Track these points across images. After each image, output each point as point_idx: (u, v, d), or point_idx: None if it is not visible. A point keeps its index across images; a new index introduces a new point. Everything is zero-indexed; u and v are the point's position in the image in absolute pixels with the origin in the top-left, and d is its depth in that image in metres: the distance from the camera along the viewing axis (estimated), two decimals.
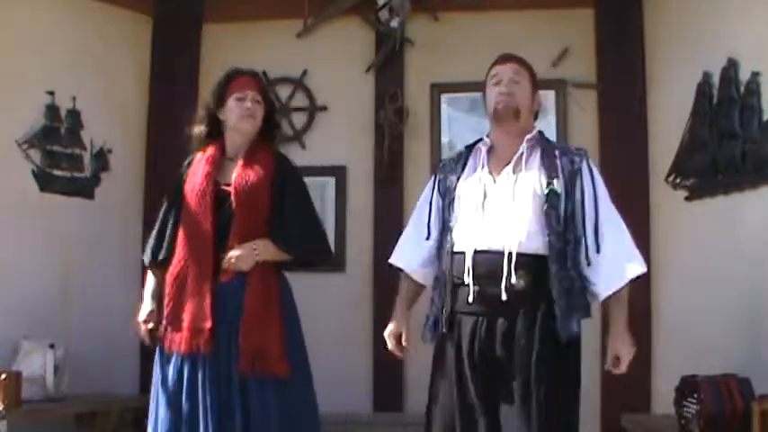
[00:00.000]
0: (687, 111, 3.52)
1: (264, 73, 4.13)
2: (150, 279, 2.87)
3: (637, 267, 2.40)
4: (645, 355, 3.72)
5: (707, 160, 3.40)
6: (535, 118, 2.63)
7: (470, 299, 2.36)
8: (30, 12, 3.76)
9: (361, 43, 4.19)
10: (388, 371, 3.81)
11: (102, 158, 4.00)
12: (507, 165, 2.46)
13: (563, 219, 2.38)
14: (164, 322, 2.70)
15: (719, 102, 3.35)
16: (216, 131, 2.89)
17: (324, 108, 4.21)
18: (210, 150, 2.84)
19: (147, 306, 2.81)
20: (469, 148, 2.62)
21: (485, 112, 2.64)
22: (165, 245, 2.81)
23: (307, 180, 2.95)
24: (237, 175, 2.75)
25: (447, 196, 2.55)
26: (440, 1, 4.10)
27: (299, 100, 4.23)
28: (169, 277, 2.73)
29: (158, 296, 2.80)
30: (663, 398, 3.40)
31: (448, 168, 2.62)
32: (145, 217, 4.11)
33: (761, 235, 3.09)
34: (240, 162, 2.79)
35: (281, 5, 4.20)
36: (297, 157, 4.06)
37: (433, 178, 2.68)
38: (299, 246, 2.78)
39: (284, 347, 2.66)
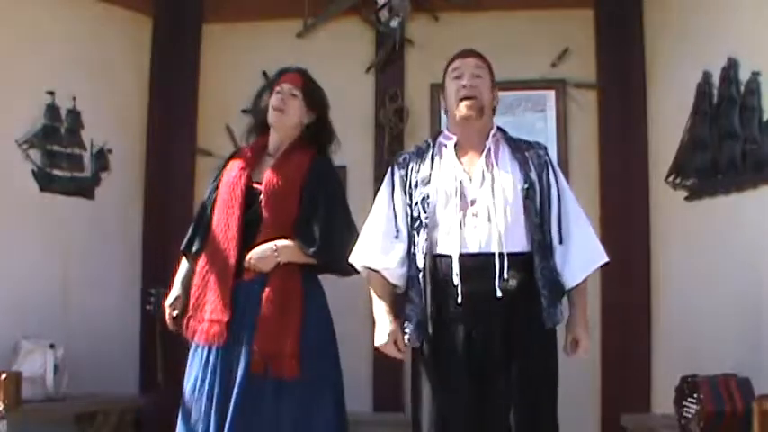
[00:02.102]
0: (687, 111, 3.51)
1: (264, 73, 4.14)
2: (182, 266, 2.91)
3: (600, 258, 2.50)
4: (645, 355, 3.73)
5: (707, 160, 3.39)
6: (493, 113, 2.64)
7: (460, 300, 2.34)
8: (29, 11, 3.75)
9: (361, 43, 4.19)
10: (388, 371, 3.80)
11: (102, 158, 3.99)
12: (478, 160, 2.47)
13: (539, 211, 2.42)
14: (189, 312, 2.74)
15: (719, 102, 3.34)
16: (265, 126, 2.91)
17: None
18: (253, 144, 2.87)
19: (174, 292, 2.86)
20: (430, 142, 2.60)
21: (443, 107, 2.66)
22: (199, 236, 2.83)
23: None
24: (268, 175, 2.73)
25: (417, 193, 2.49)
26: (440, 1, 4.10)
27: None
28: (198, 268, 2.76)
29: (187, 284, 2.83)
30: (663, 398, 3.40)
31: (412, 163, 2.55)
32: (145, 217, 4.12)
33: (761, 235, 3.09)
34: (273, 162, 2.77)
35: (281, 5, 4.19)
36: None
37: (390, 174, 2.61)
38: (322, 250, 2.71)
39: (299, 351, 2.62)
